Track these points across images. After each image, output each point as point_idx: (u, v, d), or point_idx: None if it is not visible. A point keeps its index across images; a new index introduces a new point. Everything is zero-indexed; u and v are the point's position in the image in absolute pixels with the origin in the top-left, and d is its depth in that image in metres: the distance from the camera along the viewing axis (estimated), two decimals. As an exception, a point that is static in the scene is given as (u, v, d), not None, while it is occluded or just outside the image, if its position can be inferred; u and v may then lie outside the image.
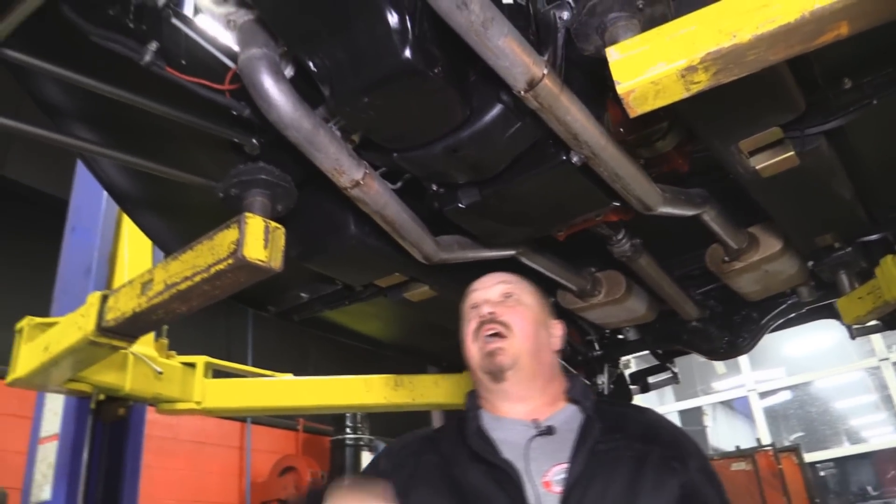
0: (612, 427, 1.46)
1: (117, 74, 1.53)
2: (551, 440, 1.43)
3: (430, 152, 1.52)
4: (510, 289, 1.61)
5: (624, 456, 1.41)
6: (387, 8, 1.26)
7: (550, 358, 1.59)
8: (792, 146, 1.67)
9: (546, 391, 1.54)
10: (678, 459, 1.44)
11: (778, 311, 3.09)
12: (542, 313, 1.62)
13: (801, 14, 1.01)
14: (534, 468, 1.37)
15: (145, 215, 2.11)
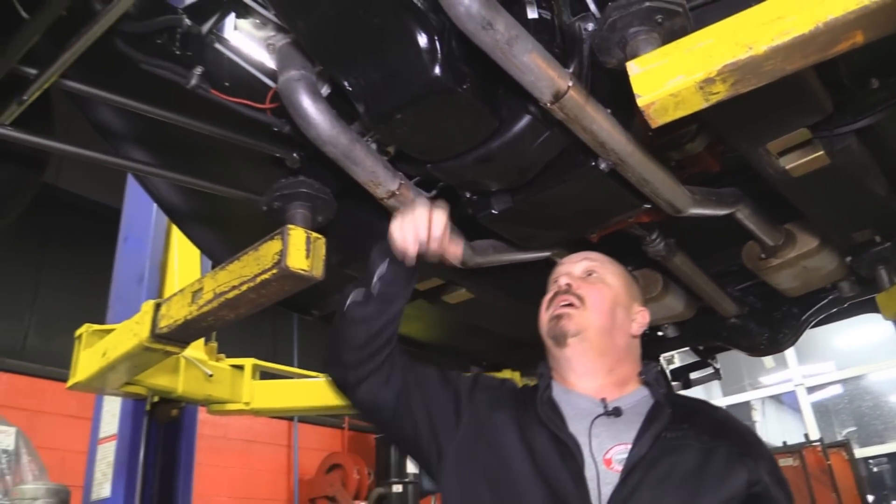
0: (682, 417, 1.45)
1: (163, 97, 1.62)
2: (617, 421, 1.44)
3: (463, 163, 1.58)
4: (594, 266, 1.64)
5: (691, 445, 1.39)
6: (416, 30, 1.32)
7: (625, 340, 1.58)
8: (821, 146, 1.68)
9: (615, 371, 1.54)
10: (750, 458, 1.41)
11: (819, 307, 3.06)
12: (624, 296, 1.62)
13: (815, 25, 1.04)
14: (595, 445, 1.38)
15: (195, 228, 2.21)
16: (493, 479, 1.40)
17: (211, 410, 2.84)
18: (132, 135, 1.91)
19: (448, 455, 1.48)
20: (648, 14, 1.20)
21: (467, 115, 1.44)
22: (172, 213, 2.17)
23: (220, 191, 1.79)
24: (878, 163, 1.88)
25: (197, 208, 2.13)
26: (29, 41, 1.19)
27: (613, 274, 1.64)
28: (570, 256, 1.70)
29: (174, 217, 2.20)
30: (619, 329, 1.57)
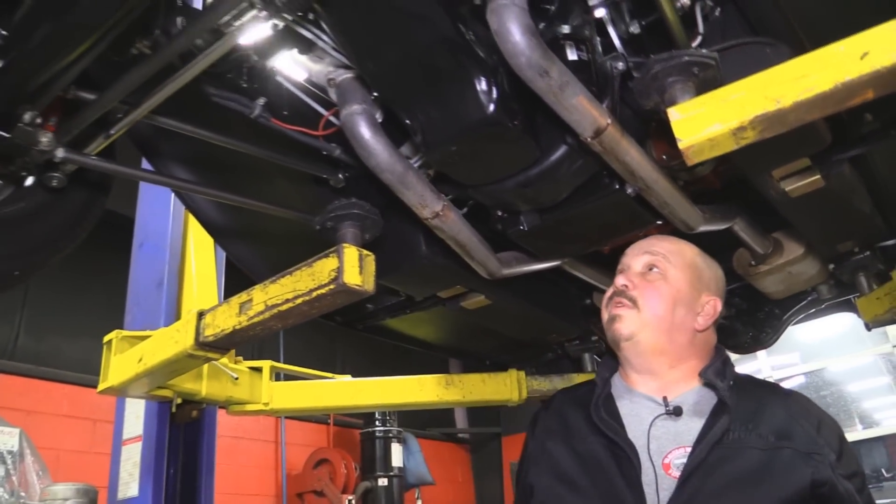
0: (746, 415, 1.41)
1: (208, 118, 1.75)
2: (677, 421, 1.42)
3: (503, 187, 1.74)
4: (655, 260, 1.63)
5: (753, 449, 1.35)
6: (475, 72, 1.48)
7: (687, 338, 1.55)
8: (818, 171, 1.88)
9: (677, 368, 1.52)
10: (817, 455, 1.37)
11: (798, 308, 3.30)
12: (688, 289, 1.59)
13: (834, 84, 1.22)
14: (654, 448, 1.37)
15: (234, 243, 2.32)
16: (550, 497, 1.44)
17: (231, 411, 2.95)
18: (176, 154, 2.03)
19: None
20: (687, 66, 1.37)
21: (515, 148, 1.61)
22: (213, 231, 2.28)
23: (268, 209, 1.92)
24: (864, 183, 2.08)
25: (234, 225, 2.25)
26: (136, 83, 1.32)
27: (678, 266, 1.62)
28: (634, 246, 1.70)
29: (214, 234, 2.31)
30: (679, 328, 1.54)
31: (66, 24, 1.20)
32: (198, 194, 2.06)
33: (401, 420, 7.17)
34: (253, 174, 2.04)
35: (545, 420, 1.65)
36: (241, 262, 2.30)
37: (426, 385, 3.05)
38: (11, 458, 4.04)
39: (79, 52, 1.23)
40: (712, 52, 1.40)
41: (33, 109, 1.33)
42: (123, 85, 1.31)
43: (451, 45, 1.44)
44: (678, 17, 1.43)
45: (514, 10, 1.34)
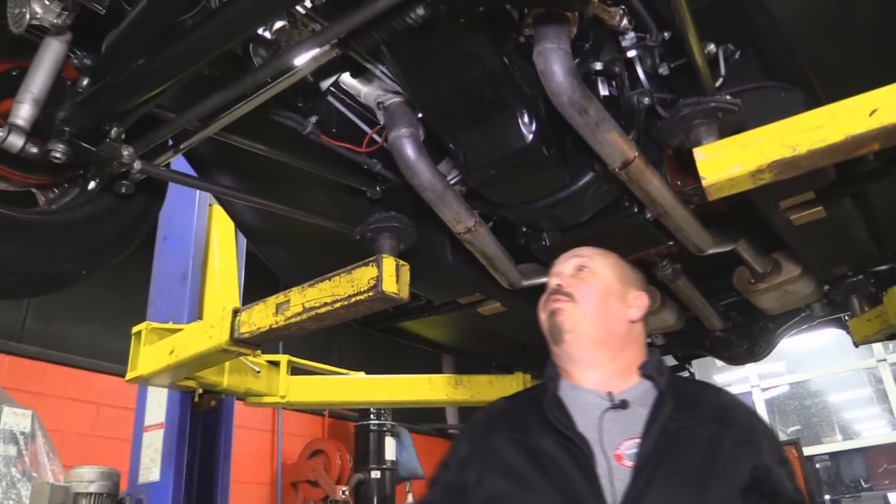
0: (685, 405, 1.47)
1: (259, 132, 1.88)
2: (625, 414, 1.45)
3: (532, 207, 1.88)
4: (584, 262, 1.67)
5: (697, 437, 1.42)
6: (518, 106, 1.62)
7: (624, 328, 1.60)
8: (821, 203, 2.03)
9: (617, 359, 1.56)
10: (751, 442, 1.44)
11: (792, 323, 3.47)
12: (617, 284, 1.65)
13: (845, 136, 1.37)
14: (606, 441, 1.40)
15: (268, 247, 2.45)
16: (509, 499, 1.42)
17: (248, 402, 3.08)
18: (220, 162, 2.16)
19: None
20: (712, 111, 1.51)
21: (548, 174, 1.75)
22: (250, 235, 2.41)
23: (312, 219, 2.05)
24: (862, 215, 2.24)
25: (271, 230, 2.39)
26: (215, 108, 1.45)
27: (604, 265, 1.68)
28: (561, 257, 1.74)
29: (250, 237, 2.44)
30: (615, 318, 1.60)
31: (160, 60, 1.33)
32: (247, 203, 2.19)
33: (394, 415, 7.31)
34: (292, 183, 2.17)
35: (488, 421, 1.60)
36: (273, 265, 2.43)
37: (436, 384, 3.19)
38: (24, 438, 4.15)
39: (170, 83, 1.36)
40: (736, 100, 1.54)
41: (119, 126, 1.46)
42: (203, 108, 1.44)
43: (498, 79, 1.58)
44: (707, 62, 1.56)
45: (559, 53, 1.48)
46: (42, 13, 1.33)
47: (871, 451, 9.72)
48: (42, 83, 1.41)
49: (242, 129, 1.79)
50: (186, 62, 1.33)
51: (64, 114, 1.44)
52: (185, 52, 1.31)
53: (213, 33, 1.29)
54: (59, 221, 1.60)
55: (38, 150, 1.41)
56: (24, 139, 1.38)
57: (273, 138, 1.87)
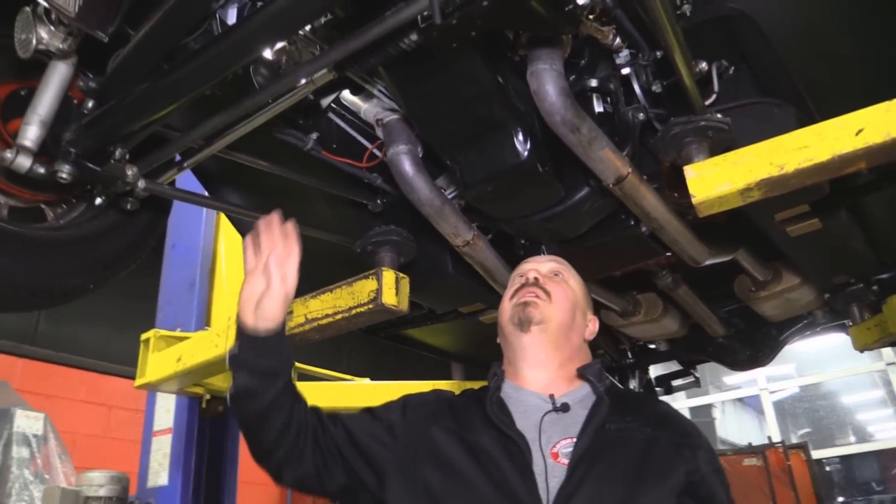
0: (624, 409, 1.50)
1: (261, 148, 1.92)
2: (564, 416, 1.47)
3: (529, 221, 1.91)
4: (560, 268, 1.70)
5: (633, 437, 1.44)
6: (513, 124, 1.65)
7: (578, 341, 1.63)
8: (817, 215, 2.05)
9: (565, 367, 1.57)
10: (688, 448, 1.45)
11: (795, 329, 3.48)
12: (582, 301, 1.69)
13: (831, 156, 1.39)
14: (544, 440, 1.41)
15: None
16: (443, 492, 1.40)
17: (255, 408, 3.12)
18: (228, 180, 2.21)
19: (390, 483, 1.46)
20: (703, 130, 1.54)
21: (543, 189, 1.78)
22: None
23: (316, 234, 2.09)
24: (859, 225, 2.26)
25: None
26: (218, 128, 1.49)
27: (575, 280, 1.71)
28: (534, 257, 1.78)
29: None
30: (576, 330, 1.63)
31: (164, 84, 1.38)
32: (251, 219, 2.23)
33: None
34: (296, 198, 2.21)
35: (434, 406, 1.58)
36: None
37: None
38: (36, 441, 4.22)
39: (173, 107, 1.41)
40: (725, 118, 1.56)
41: (124, 147, 1.51)
42: (205, 127, 1.49)
43: (493, 98, 1.61)
44: (695, 82, 1.59)
45: (552, 74, 1.51)
46: (48, 39, 1.38)
47: (883, 455, 9.68)
48: (49, 105, 1.46)
49: (245, 146, 1.83)
50: (190, 86, 1.37)
51: (70, 135, 1.48)
52: (188, 77, 1.35)
53: (217, 58, 1.33)
54: (67, 237, 1.65)
55: (45, 170, 1.45)
56: (32, 160, 1.43)
57: (276, 154, 1.91)
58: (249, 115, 1.55)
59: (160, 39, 1.38)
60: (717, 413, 11.70)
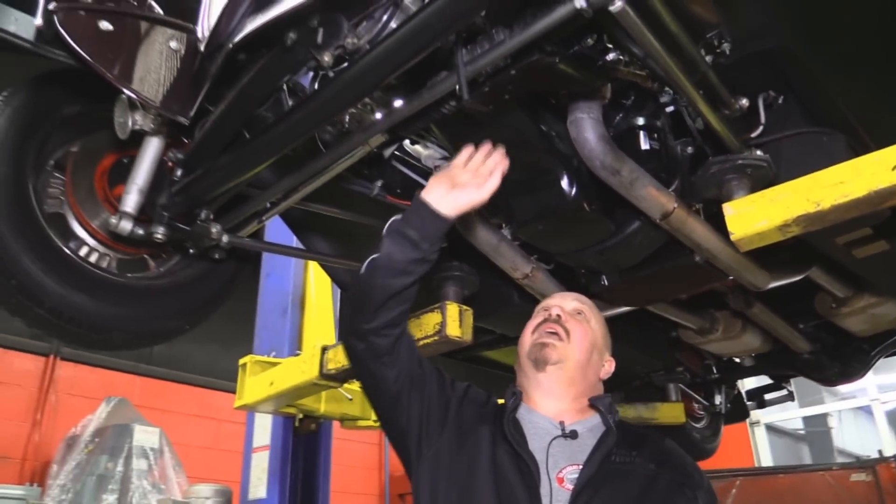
0: (630, 443, 1.54)
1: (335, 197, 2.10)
2: (572, 443, 1.53)
3: (584, 254, 2.00)
4: (583, 308, 1.76)
5: (636, 472, 1.49)
6: (559, 166, 1.75)
7: (594, 379, 1.69)
8: (881, 237, 2.02)
9: (578, 400, 1.63)
10: (689, 487, 1.51)
11: (888, 344, 3.36)
12: (601, 341, 1.74)
13: (868, 191, 1.42)
14: (551, 464, 1.47)
15: None
16: (461, 488, 1.48)
17: (344, 426, 3.33)
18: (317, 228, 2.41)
19: (426, 457, 1.55)
20: (741, 167, 1.59)
21: (592, 226, 1.86)
22: (341, 285, 2.66)
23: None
24: (933, 241, 2.20)
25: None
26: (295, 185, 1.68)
27: (597, 320, 1.76)
28: (561, 293, 1.85)
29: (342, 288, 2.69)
30: (592, 368, 1.68)
31: (242, 154, 1.57)
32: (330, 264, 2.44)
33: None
34: (366, 239, 2.39)
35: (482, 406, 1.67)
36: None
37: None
38: (153, 454, 4.62)
39: (251, 174, 1.60)
40: (764, 156, 1.61)
41: (208, 209, 1.72)
42: (283, 185, 1.68)
43: (537, 146, 1.72)
44: (730, 121, 1.64)
45: (590, 122, 1.60)
46: (142, 122, 1.60)
47: None
48: (145, 175, 1.69)
49: (320, 197, 2.01)
50: (265, 155, 1.55)
51: (163, 200, 1.70)
52: (263, 147, 1.54)
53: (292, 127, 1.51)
54: (166, 285, 1.88)
55: (144, 231, 1.68)
56: (132, 224, 1.66)
57: (347, 201, 2.08)
58: (319, 172, 1.72)
59: (235, 114, 1.58)
60: (834, 422, 11.14)
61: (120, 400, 4.87)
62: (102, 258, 1.87)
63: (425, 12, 1.22)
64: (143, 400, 5.64)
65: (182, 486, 4.50)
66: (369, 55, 1.34)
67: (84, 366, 5.68)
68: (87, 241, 1.86)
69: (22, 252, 1.62)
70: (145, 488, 4.36)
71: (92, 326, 1.74)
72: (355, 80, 1.38)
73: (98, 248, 1.86)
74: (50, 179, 1.86)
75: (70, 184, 1.80)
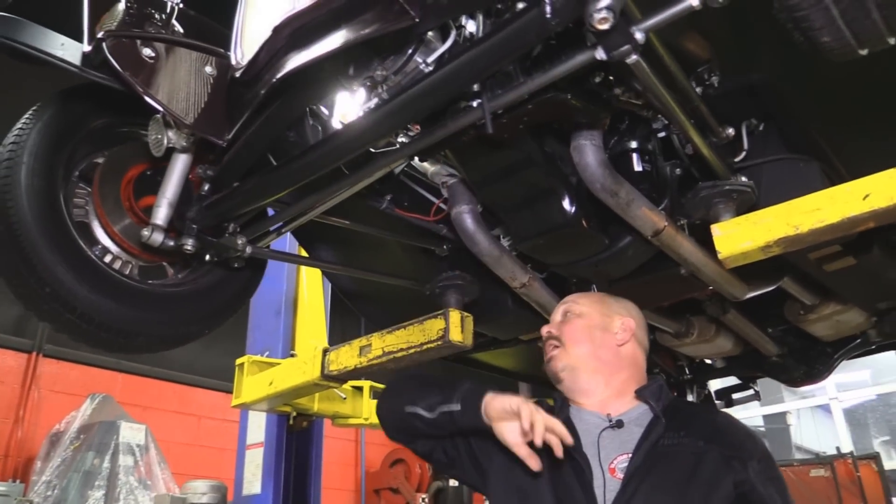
0: (679, 425, 1.62)
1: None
2: (621, 432, 1.63)
3: (578, 266, 2.15)
4: (568, 307, 1.90)
5: (684, 452, 1.56)
6: (559, 186, 1.89)
7: (612, 353, 1.78)
8: (850, 253, 2.21)
9: (611, 384, 1.74)
10: (738, 460, 1.55)
11: (850, 347, 3.57)
12: (599, 317, 1.85)
13: (842, 217, 1.58)
14: (603, 455, 1.58)
15: (359, 302, 2.82)
16: (523, 494, 1.61)
17: (336, 424, 3.45)
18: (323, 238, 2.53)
19: (491, 476, 1.70)
20: (728, 192, 1.75)
21: (588, 241, 2.01)
22: (344, 293, 2.78)
23: (391, 280, 2.38)
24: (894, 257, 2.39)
25: (359, 289, 2.75)
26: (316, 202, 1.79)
27: (586, 304, 1.88)
28: (555, 309, 1.98)
29: (345, 295, 2.82)
30: (602, 346, 1.79)
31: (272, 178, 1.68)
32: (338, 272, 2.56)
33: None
34: (376, 248, 2.52)
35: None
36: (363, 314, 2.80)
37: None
38: (139, 450, 4.68)
39: (281, 195, 1.72)
40: (749, 182, 1.77)
41: (236, 223, 1.83)
42: (306, 203, 1.80)
43: (541, 167, 1.86)
44: (718, 148, 1.80)
45: (591, 147, 1.75)
46: (175, 139, 1.70)
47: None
48: (174, 189, 1.79)
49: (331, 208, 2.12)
50: (293, 180, 1.67)
51: (192, 214, 1.81)
52: (295, 172, 1.66)
53: (323, 157, 1.63)
54: (187, 292, 1.98)
55: (174, 243, 1.78)
56: (163, 236, 1.76)
57: (357, 212, 2.20)
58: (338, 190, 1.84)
59: (263, 137, 1.69)
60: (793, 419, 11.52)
61: (104, 397, 4.91)
62: (125, 265, 1.96)
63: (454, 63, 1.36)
64: (124, 396, 5.67)
65: (168, 483, 4.57)
66: (399, 98, 1.46)
67: (66, 362, 5.70)
68: (111, 249, 1.95)
69: (57, 262, 1.71)
70: (132, 484, 4.42)
71: (120, 331, 1.83)
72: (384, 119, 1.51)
73: (122, 255, 1.95)
74: (76, 189, 1.95)
75: (97, 194, 1.89)
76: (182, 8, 1.94)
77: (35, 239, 1.71)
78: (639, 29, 1.18)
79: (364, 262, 2.44)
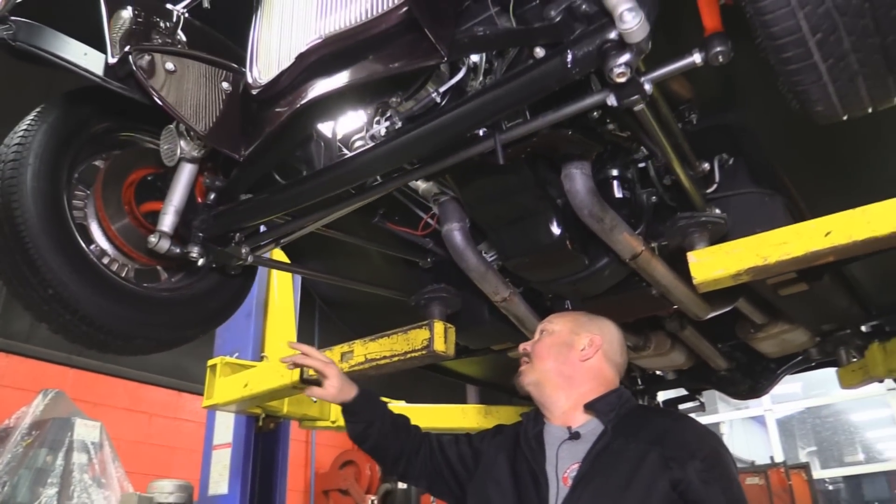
0: (630, 432, 1.72)
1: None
2: (577, 444, 1.75)
3: (557, 283, 2.28)
4: (543, 326, 2.04)
5: (628, 457, 1.65)
6: (547, 209, 2.01)
7: (574, 368, 1.90)
8: (803, 280, 2.40)
9: (571, 397, 1.86)
10: (676, 460, 1.62)
11: (792, 364, 3.82)
12: (567, 333, 1.96)
13: (806, 251, 1.75)
14: (559, 466, 1.73)
15: (341, 311, 2.89)
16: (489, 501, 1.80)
17: (303, 426, 3.51)
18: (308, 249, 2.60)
19: (468, 491, 1.92)
20: (703, 224, 1.91)
21: (570, 261, 2.14)
22: (326, 302, 2.85)
23: (375, 290, 2.47)
24: (843, 285, 2.60)
25: (342, 299, 2.83)
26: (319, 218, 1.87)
27: (558, 323, 2.01)
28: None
29: (326, 304, 2.89)
30: (566, 362, 1.91)
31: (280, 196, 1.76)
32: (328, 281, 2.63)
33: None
34: (360, 258, 2.60)
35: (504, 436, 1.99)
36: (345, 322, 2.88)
37: (468, 413, 3.60)
38: (94, 448, 4.62)
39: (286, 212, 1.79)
40: (722, 215, 1.93)
41: (242, 234, 1.90)
42: (311, 218, 1.87)
43: (531, 191, 1.98)
44: (695, 181, 1.95)
45: (581, 176, 1.88)
46: (188, 149, 1.76)
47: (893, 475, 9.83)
48: (181, 197, 1.84)
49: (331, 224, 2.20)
50: (305, 198, 1.75)
51: (199, 222, 1.87)
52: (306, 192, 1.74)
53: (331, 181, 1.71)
54: (183, 296, 2.03)
55: (180, 250, 1.84)
56: (170, 242, 1.81)
57: (347, 225, 2.29)
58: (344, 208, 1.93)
59: (273, 153, 1.77)
60: (726, 429, 11.97)
61: (57, 392, 4.82)
62: (122, 268, 1.99)
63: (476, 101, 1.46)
64: (75, 392, 5.56)
65: (122, 481, 4.53)
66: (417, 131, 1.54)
67: (16, 356, 5.56)
68: (108, 251, 1.98)
69: (61, 264, 1.74)
70: (86, 482, 4.36)
71: (119, 334, 1.87)
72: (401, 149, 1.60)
73: (119, 257, 1.98)
74: (75, 192, 1.98)
75: (100, 196, 1.92)
76: (188, 18, 2.00)
77: (40, 241, 1.74)
78: (647, 80, 1.30)
79: (346, 272, 2.53)
